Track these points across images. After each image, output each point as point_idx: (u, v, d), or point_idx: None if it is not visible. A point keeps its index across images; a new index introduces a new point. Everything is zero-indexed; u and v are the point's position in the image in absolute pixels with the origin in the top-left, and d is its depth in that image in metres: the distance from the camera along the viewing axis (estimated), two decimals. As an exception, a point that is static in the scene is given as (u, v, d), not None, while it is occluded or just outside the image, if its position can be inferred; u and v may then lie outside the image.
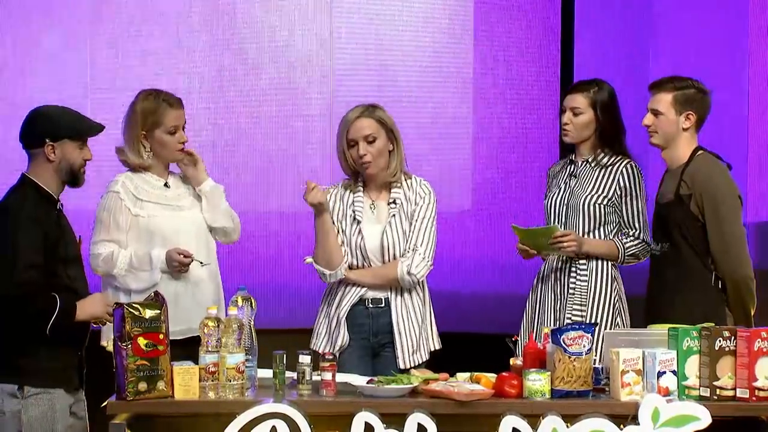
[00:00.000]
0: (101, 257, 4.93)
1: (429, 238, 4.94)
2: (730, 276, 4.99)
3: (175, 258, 4.87)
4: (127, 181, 4.98)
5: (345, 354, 4.93)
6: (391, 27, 6.71)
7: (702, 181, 5.01)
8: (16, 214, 4.43)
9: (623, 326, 5.18)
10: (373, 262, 4.96)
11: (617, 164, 5.22)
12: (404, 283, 4.92)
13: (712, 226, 4.99)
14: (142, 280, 4.90)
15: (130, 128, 4.99)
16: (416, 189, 4.99)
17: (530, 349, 4.43)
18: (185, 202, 5.05)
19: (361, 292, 4.95)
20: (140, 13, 6.59)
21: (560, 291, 5.23)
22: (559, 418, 4.15)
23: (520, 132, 6.67)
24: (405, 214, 4.97)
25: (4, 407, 4.43)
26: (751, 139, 6.46)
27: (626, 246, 5.18)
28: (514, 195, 6.62)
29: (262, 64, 6.65)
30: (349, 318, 4.95)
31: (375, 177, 4.98)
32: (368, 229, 4.96)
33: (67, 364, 4.51)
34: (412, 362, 4.93)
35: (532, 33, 6.67)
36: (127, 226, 4.94)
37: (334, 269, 4.94)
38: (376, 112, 4.97)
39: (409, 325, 4.95)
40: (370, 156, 4.92)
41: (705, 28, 6.53)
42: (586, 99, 5.22)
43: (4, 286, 4.36)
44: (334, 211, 5.00)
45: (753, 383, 4.27)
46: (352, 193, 5.01)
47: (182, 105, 5.04)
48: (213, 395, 4.28)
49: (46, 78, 6.44)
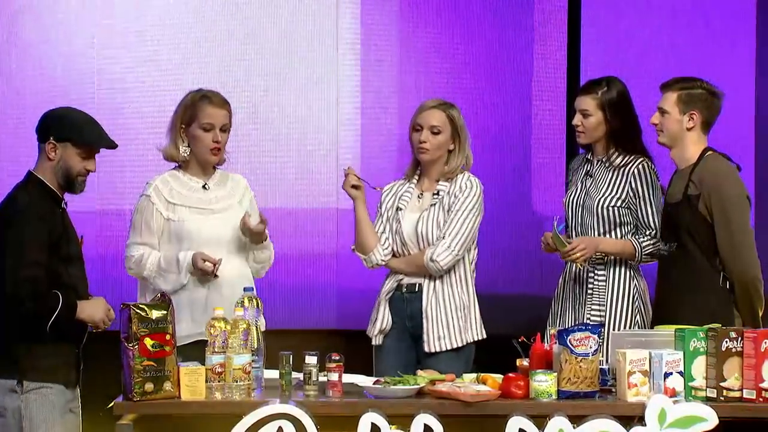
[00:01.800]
0: (133, 259, 4.98)
1: (459, 229, 5.09)
2: (738, 277, 4.99)
3: (199, 265, 4.89)
4: (160, 185, 5.01)
5: (387, 337, 5.14)
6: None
7: (710, 181, 5.01)
8: (23, 210, 4.45)
9: (644, 326, 5.19)
10: (411, 249, 5.16)
11: (629, 165, 5.24)
12: (430, 269, 5.09)
13: (720, 227, 4.98)
14: (169, 281, 4.93)
15: (173, 121, 5.05)
16: (460, 183, 5.16)
17: (537, 350, 4.43)
18: (221, 205, 5.05)
19: (399, 278, 5.17)
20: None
21: (579, 292, 5.27)
22: (566, 418, 4.15)
23: (523, 129, 6.66)
24: (444, 205, 5.13)
25: (5, 403, 4.44)
26: (758, 139, 6.45)
27: (643, 245, 5.19)
28: (517, 192, 6.60)
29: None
30: (391, 303, 5.16)
31: (430, 169, 5.19)
32: (407, 216, 5.18)
33: (66, 360, 4.51)
34: (438, 347, 5.09)
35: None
36: (158, 229, 4.98)
37: (368, 254, 5.16)
38: (450, 109, 5.20)
39: (438, 311, 5.10)
40: (428, 144, 5.14)
41: (712, 24, 6.52)
42: (594, 101, 5.24)
43: (8, 282, 4.38)
44: (384, 202, 5.25)
45: (760, 384, 4.27)
46: (407, 182, 5.25)
47: (225, 105, 5.04)
48: (219, 396, 4.29)
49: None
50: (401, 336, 5.15)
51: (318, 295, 6.39)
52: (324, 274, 6.40)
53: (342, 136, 6.44)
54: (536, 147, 6.57)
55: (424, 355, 5.08)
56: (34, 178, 4.55)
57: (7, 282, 4.37)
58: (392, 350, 5.12)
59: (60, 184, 4.54)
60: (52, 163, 4.52)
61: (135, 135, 6.22)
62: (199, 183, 5.04)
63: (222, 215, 5.03)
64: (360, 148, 6.45)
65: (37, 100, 6.15)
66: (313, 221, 6.41)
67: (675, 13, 6.53)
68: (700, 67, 5.90)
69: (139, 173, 6.00)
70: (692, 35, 6.50)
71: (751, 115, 6.43)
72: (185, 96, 5.07)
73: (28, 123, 5.49)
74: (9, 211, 4.48)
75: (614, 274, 5.22)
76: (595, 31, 6.53)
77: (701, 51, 6.45)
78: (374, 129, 6.48)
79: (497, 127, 6.59)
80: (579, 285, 5.27)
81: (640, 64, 6.41)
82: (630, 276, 5.23)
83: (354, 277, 6.16)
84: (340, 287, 6.40)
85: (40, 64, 6.38)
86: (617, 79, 5.32)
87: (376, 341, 5.16)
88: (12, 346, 4.44)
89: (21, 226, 4.41)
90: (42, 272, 4.40)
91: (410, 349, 5.15)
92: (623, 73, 5.40)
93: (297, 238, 6.48)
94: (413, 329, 5.13)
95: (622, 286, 5.21)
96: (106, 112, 5.99)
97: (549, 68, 6.55)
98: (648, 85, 5.42)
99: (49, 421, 4.44)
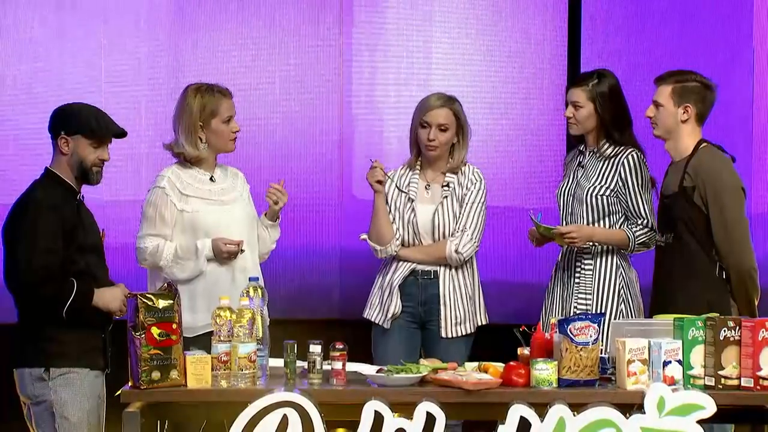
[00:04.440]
0: (147, 251, 5.00)
1: (477, 221, 5.24)
2: (734, 267, 5.04)
3: (223, 249, 4.94)
4: (172, 177, 5.04)
5: (395, 322, 5.23)
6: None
7: (705, 173, 5.06)
8: (36, 202, 4.53)
9: (629, 315, 5.24)
10: (424, 238, 5.26)
11: (620, 155, 5.29)
12: (452, 261, 5.21)
13: (715, 218, 5.03)
14: (187, 269, 4.97)
15: (185, 121, 5.03)
16: (468, 175, 5.29)
17: (537, 338, 4.47)
18: (230, 197, 5.10)
19: (413, 265, 5.26)
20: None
21: (567, 280, 5.33)
22: (566, 406, 4.18)
23: (526, 124, 6.69)
24: (456, 197, 5.25)
25: (36, 391, 4.52)
26: (755, 128, 6.48)
27: (636, 235, 5.25)
28: (520, 188, 6.63)
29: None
30: (401, 288, 5.24)
31: (435, 162, 5.29)
32: (421, 207, 5.27)
33: (91, 345, 4.58)
34: (454, 333, 5.22)
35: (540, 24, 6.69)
36: (172, 220, 5.01)
37: (385, 245, 5.24)
38: (454, 105, 5.29)
39: (455, 297, 5.23)
40: (437, 141, 5.24)
41: (709, 17, 6.55)
42: (585, 93, 5.30)
43: (22, 270, 4.45)
44: (389, 192, 5.31)
45: (757, 372, 4.30)
46: (411, 172, 5.31)
47: (231, 94, 5.11)
48: (225, 384, 4.32)
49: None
50: (409, 321, 5.25)
51: (322, 286, 6.43)
52: (328, 264, 6.44)
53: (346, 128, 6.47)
54: (536, 146, 6.61)
55: (435, 341, 5.19)
56: (49, 173, 4.64)
57: (22, 270, 4.45)
58: (399, 334, 5.21)
59: (76, 176, 4.62)
60: (66, 157, 4.60)
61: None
62: (206, 175, 5.08)
63: (231, 206, 5.07)
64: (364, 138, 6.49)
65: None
66: (317, 212, 6.45)
67: (674, 10, 6.56)
68: (699, 63, 5.96)
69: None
70: (691, 32, 6.53)
71: (748, 105, 6.46)
72: (186, 94, 5.06)
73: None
74: (24, 203, 4.57)
75: (600, 264, 5.28)
76: (594, 27, 6.57)
77: (700, 47, 6.49)
78: (375, 120, 6.51)
79: (496, 122, 6.63)
80: (567, 274, 5.33)
81: (639, 59, 6.45)
82: (617, 266, 5.28)
83: (357, 267, 6.19)
84: (343, 278, 6.43)
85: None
86: (609, 71, 5.37)
87: (386, 325, 5.22)
88: (36, 335, 4.52)
89: (34, 216, 4.49)
90: (55, 259, 4.47)
91: (415, 335, 5.25)
92: (622, 68, 5.44)
93: (301, 228, 6.51)
94: (425, 315, 5.24)
95: (608, 277, 5.26)
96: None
97: (549, 64, 6.58)
98: (647, 81, 5.45)
99: (77, 405, 4.52)
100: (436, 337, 5.22)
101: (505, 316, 5.85)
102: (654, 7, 6.55)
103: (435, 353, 5.07)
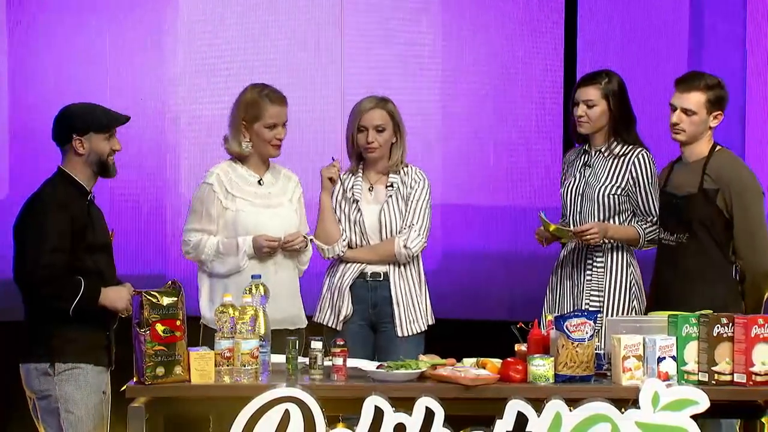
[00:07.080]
0: (191, 244, 5.12)
1: (423, 217, 5.26)
2: (752, 267, 5.07)
3: (265, 244, 5.03)
4: (221, 174, 5.12)
5: (346, 324, 5.22)
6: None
7: (729, 177, 5.07)
8: (46, 200, 4.60)
9: (640, 311, 5.27)
10: (371, 238, 5.27)
11: (630, 154, 5.32)
12: (401, 257, 5.22)
13: (739, 221, 5.06)
14: (227, 264, 5.06)
15: (233, 118, 5.14)
16: (412, 175, 5.31)
17: (534, 335, 4.52)
18: (276, 201, 5.18)
19: (362, 266, 5.27)
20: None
21: (578, 278, 5.34)
22: (562, 402, 4.23)
23: (524, 123, 6.74)
24: (401, 195, 5.27)
25: (42, 386, 4.59)
26: (748, 130, 6.52)
27: (647, 232, 5.29)
28: (520, 186, 6.68)
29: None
30: (351, 291, 5.24)
31: (376, 164, 5.31)
32: (366, 208, 5.29)
33: (96, 342, 4.65)
34: (409, 331, 5.23)
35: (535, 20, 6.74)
36: (217, 217, 5.10)
37: (331, 245, 5.24)
38: (387, 105, 5.29)
39: (406, 296, 5.24)
40: (376, 143, 5.25)
41: (700, 16, 6.59)
42: (598, 90, 5.31)
43: (29, 268, 4.51)
44: (334, 193, 5.32)
45: (750, 368, 4.34)
46: (353, 176, 5.32)
47: (285, 102, 5.16)
48: (228, 380, 4.37)
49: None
50: (360, 323, 5.25)
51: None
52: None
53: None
54: (535, 144, 6.66)
55: (391, 340, 5.19)
56: (62, 172, 4.70)
57: (28, 268, 4.52)
58: (355, 336, 5.15)
59: (94, 172, 4.69)
60: (82, 158, 4.67)
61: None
62: (255, 177, 5.17)
63: (275, 210, 5.15)
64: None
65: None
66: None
67: (670, 12, 6.60)
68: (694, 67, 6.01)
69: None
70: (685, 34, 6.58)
71: (741, 110, 6.50)
72: (244, 91, 5.16)
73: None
74: (34, 201, 4.64)
75: (612, 260, 5.30)
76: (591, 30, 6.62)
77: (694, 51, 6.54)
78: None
79: (495, 124, 6.68)
80: (578, 271, 5.35)
81: (635, 62, 6.50)
82: (627, 263, 5.31)
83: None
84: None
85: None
86: (613, 71, 5.41)
87: (338, 327, 5.21)
88: (41, 330, 4.59)
89: (43, 214, 4.56)
90: (61, 258, 4.53)
91: (368, 336, 5.26)
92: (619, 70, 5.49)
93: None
94: (375, 316, 5.25)
95: (620, 272, 5.29)
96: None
97: (546, 67, 6.64)
98: (644, 83, 5.50)
99: (81, 400, 4.58)
100: (392, 337, 5.21)
101: (505, 313, 5.90)
102: (653, 7, 6.61)
103: (392, 352, 5.08)
